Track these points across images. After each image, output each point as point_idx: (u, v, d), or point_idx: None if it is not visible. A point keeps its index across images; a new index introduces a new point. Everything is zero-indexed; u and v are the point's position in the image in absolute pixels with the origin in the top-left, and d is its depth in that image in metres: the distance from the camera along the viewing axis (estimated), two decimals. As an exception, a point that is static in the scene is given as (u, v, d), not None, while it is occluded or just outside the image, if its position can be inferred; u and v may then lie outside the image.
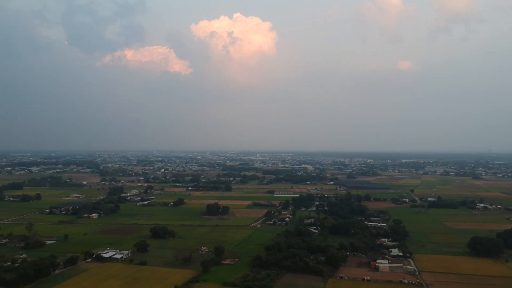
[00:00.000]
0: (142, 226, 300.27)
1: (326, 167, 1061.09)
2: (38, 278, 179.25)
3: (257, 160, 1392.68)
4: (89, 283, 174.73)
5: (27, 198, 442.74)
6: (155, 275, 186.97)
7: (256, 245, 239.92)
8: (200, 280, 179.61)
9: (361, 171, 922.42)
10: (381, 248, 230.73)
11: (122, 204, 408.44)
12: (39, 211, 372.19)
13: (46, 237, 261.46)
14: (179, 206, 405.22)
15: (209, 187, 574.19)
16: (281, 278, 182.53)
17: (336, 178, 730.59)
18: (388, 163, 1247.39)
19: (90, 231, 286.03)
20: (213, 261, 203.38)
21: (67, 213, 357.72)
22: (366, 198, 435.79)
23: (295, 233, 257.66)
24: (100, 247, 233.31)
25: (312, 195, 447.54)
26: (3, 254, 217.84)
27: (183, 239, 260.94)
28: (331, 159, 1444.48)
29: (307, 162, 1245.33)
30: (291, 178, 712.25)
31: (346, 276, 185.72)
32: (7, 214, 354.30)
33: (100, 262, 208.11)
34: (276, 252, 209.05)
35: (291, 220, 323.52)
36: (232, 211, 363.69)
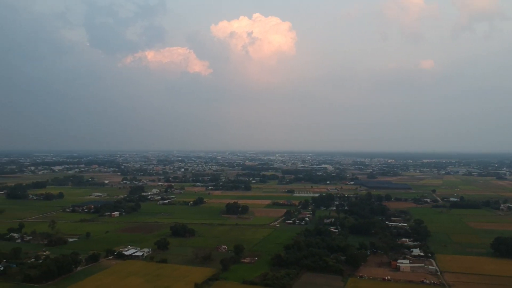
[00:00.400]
0: (163, 224, 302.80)
1: (346, 167, 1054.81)
2: (60, 275, 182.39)
3: (277, 160, 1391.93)
4: (110, 280, 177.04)
5: (50, 197, 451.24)
6: (175, 272, 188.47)
7: (275, 244, 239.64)
8: (220, 278, 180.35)
9: (382, 171, 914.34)
10: (402, 248, 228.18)
11: (143, 203, 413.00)
12: (62, 210, 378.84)
13: (68, 235, 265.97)
14: (199, 205, 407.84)
15: (229, 187, 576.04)
16: (300, 277, 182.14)
17: (356, 178, 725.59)
18: (409, 163, 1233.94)
19: (112, 229, 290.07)
20: (232, 259, 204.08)
21: (89, 212, 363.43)
22: (386, 198, 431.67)
23: (315, 232, 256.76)
24: (121, 244, 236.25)
25: (332, 195, 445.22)
26: (27, 251, 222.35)
27: (203, 238, 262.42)
28: (351, 159, 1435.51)
29: (327, 162, 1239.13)
30: (311, 178, 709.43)
31: (367, 276, 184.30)
32: (30, 212, 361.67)
33: (121, 259, 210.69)
34: (296, 251, 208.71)
35: (311, 220, 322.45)
36: (251, 210, 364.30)
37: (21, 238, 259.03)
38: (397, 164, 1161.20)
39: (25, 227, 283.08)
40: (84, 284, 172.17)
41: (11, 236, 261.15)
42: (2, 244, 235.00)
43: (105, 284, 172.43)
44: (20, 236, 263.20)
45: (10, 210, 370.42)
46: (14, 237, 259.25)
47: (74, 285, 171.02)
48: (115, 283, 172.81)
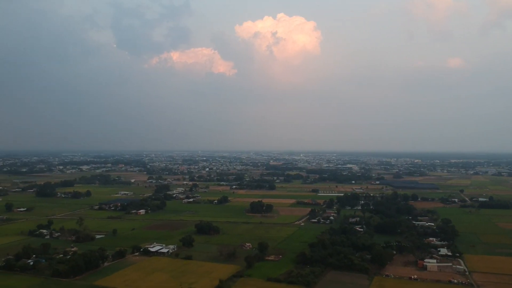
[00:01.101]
0: (188, 222, 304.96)
1: (371, 167, 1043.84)
2: (88, 270, 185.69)
3: (301, 160, 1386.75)
4: (136, 276, 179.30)
5: (78, 195, 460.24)
6: (200, 269, 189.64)
7: (300, 242, 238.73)
8: (244, 275, 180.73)
9: (408, 171, 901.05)
10: (428, 248, 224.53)
11: (168, 201, 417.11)
12: (89, 207, 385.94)
13: (95, 232, 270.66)
14: (223, 204, 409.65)
15: (253, 186, 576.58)
16: (325, 275, 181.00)
17: (382, 177, 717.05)
18: (436, 163, 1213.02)
19: (138, 227, 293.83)
20: (257, 257, 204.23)
21: (116, 209, 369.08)
22: (413, 198, 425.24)
23: (340, 231, 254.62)
24: (147, 241, 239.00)
25: (357, 194, 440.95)
26: (55, 247, 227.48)
27: (227, 235, 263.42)
28: (377, 159, 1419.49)
29: (352, 162, 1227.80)
30: (336, 177, 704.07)
31: (392, 275, 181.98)
32: (59, 209, 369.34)
33: (147, 256, 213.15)
34: (321, 249, 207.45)
35: (336, 219, 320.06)
36: (276, 209, 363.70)
37: (50, 235, 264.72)
38: (423, 164, 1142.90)
39: (54, 224, 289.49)
40: (111, 279, 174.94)
41: (40, 232, 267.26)
42: (31, 240, 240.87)
43: (132, 279, 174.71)
44: (49, 232, 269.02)
45: (39, 207, 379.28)
46: (43, 233, 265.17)
47: (101, 280, 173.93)
48: (141, 279, 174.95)
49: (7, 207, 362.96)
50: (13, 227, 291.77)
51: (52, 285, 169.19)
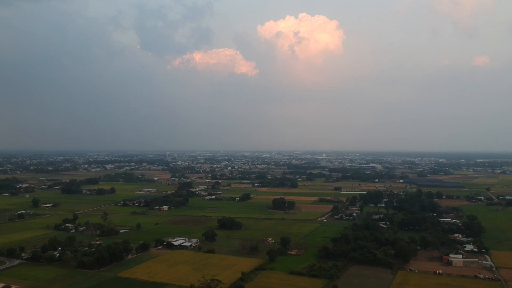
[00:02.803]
0: (210, 218, 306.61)
1: (395, 166, 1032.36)
2: (112, 262, 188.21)
3: (323, 160, 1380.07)
4: (160, 268, 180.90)
5: (103, 192, 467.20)
6: (222, 262, 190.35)
7: (322, 238, 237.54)
8: (267, 268, 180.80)
9: (433, 170, 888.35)
10: (454, 243, 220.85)
11: (191, 198, 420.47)
12: (114, 203, 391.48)
13: (119, 226, 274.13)
14: (245, 201, 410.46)
15: (275, 184, 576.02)
16: (348, 269, 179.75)
17: (406, 176, 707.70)
18: (461, 162, 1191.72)
19: (161, 222, 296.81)
20: (279, 251, 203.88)
21: (140, 205, 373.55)
22: (438, 196, 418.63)
23: (363, 226, 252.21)
24: (170, 236, 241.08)
25: (381, 192, 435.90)
26: (80, 240, 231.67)
27: (250, 231, 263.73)
28: (401, 159, 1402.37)
29: (375, 162, 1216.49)
30: (359, 176, 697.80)
31: (417, 269, 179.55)
32: (84, 205, 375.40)
33: (170, 249, 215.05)
34: (343, 244, 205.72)
35: (359, 216, 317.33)
36: (298, 206, 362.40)
37: (75, 229, 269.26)
38: (448, 164, 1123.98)
39: (79, 218, 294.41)
40: (135, 271, 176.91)
41: (66, 226, 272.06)
42: (57, 234, 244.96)
43: (155, 271, 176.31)
44: (74, 226, 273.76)
45: (65, 203, 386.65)
46: (69, 228, 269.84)
47: (125, 272, 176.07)
48: (164, 271, 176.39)
49: (34, 203, 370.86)
50: (39, 222, 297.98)
51: (78, 276, 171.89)
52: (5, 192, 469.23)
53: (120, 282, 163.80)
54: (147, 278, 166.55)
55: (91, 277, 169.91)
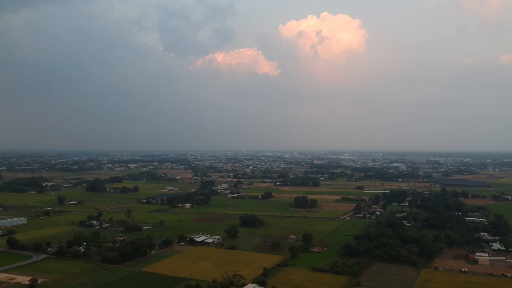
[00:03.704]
0: (232, 215, 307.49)
1: (419, 165, 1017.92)
2: (136, 257, 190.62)
3: (346, 159, 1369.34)
4: (183, 263, 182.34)
5: (126, 190, 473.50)
6: (244, 258, 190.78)
7: (345, 235, 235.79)
8: (289, 264, 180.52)
9: (457, 169, 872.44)
10: (480, 242, 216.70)
11: (213, 196, 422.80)
12: (137, 201, 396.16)
13: (143, 223, 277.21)
14: (267, 199, 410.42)
15: (297, 183, 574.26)
16: (371, 266, 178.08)
17: (430, 176, 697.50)
18: (487, 162, 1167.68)
19: (184, 219, 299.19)
20: (301, 248, 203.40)
21: (163, 203, 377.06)
22: (463, 195, 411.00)
23: (386, 224, 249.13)
24: (193, 232, 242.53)
25: (404, 191, 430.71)
26: (105, 236, 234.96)
27: (271, 228, 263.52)
28: (425, 158, 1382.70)
29: (399, 161, 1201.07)
30: (382, 175, 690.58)
31: (442, 267, 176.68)
32: (108, 203, 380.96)
33: (193, 245, 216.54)
34: (367, 241, 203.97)
35: (382, 214, 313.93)
36: (320, 205, 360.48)
37: (100, 225, 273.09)
38: (474, 163, 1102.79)
39: (103, 215, 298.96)
40: (158, 266, 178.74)
41: (90, 223, 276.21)
42: (82, 230, 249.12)
43: (178, 266, 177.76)
44: (99, 223, 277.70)
45: (89, 201, 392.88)
46: (93, 224, 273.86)
47: (148, 267, 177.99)
48: (187, 266, 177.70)
49: (60, 200, 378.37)
50: (65, 218, 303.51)
51: (102, 270, 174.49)
52: (32, 190, 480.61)
53: (143, 277, 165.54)
54: (170, 273, 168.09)
55: (115, 272, 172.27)
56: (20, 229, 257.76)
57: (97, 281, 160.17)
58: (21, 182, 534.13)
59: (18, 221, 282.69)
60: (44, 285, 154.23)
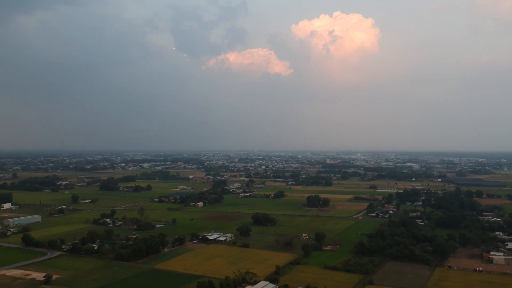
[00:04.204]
0: (244, 214, 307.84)
1: (433, 165, 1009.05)
2: (149, 254, 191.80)
3: (359, 159, 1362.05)
4: (195, 261, 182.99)
5: (139, 189, 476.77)
6: (257, 256, 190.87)
7: (358, 234, 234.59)
8: (301, 263, 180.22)
9: (472, 169, 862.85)
10: (495, 241, 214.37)
11: (225, 195, 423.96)
12: (150, 200, 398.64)
13: (156, 221, 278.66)
14: (279, 198, 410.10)
15: (309, 182, 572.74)
16: (384, 265, 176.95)
17: (444, 175, 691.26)
18: (502, 162, 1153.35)
19: (196, 217, 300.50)
20: (313, 246, 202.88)
21: (175, 202, 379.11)
22: (478, 195, 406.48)
23: (400, 223, 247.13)
24: (205, 230, 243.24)
25: (418, 190, 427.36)
26: (118, 234, 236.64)
27: (284, 227, 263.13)
28: (439, 158, 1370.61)
29: (412, 161, 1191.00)
30: (395, 175, 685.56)
31: (456, 266, 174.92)
32: (121, 202, 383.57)
33: (205, 243, 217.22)
34: (380, 240, 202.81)
35: (395, 213, 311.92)
36: (332, 204, 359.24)
37: (113, 223, 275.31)
38: (489, 163, 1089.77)
39: (117, 213, 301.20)
40: (171, 263, 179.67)
41: (104, 221, 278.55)
42: (96, 227, 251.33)
43: (190, 264, 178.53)
44: (112, 221, 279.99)
45: (103, 199, 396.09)
46: (107, 222, 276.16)
47: (161, 264, 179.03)
48: (200, 264, 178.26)
49: (74, 198, 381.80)
50: (79, 216, 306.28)
51: (115, 267, 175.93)
52: (46, 189, 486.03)
53: (156, 274, 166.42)
54: (182, 270, 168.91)
55: (129, 269, 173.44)
56: (35, 227, 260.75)
57: (110, 277, 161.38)
58: (36, 181, 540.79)
59: (33, 219, 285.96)
60: (58, 281, 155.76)
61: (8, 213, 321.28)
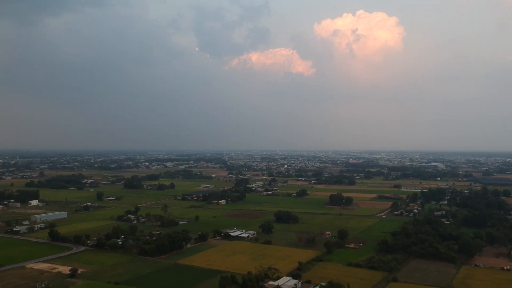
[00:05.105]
0: (267, 212, 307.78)
1: (458, 165, 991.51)
2: (172, 250, 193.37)
3: (382, 159, 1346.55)
4: (218, 257, 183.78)
5: (163, 187, 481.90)
6: (279, 253, 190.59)
7: (381, 232, 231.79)
8: (324, 259, 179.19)
9: (499, 169, 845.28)
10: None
11: (248, 193, 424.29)
12: (173, 198, 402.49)
13: (179, 218, 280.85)
14: (302, 197, 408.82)
15: (332, 181, 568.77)
16: (409, 263, 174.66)
17: (470, 175, 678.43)
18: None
19: (219, 215, 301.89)
20: (336, 243, 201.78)
21: (198, 200, 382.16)
22: (505, 194, 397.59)
23: (424, 221, 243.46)
24: (228, 227, 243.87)
25: (443, 189, 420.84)
26: (142, 230, 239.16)
27: (306, 224, 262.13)
28: (464, 158, 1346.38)
29: (437, 161, 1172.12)
30: (420, 174, 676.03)
31: (482, 265, 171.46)
32: (145, 199, 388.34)
33: (228, 240, 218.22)
34: (404, 238, 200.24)
35: (420, 212, 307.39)
36: (355, 203, 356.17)
37: (137, 220, 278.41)
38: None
39: (140, 210, 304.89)
40: (194, 259, 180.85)
41: (128, 217, 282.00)
42: (120, 224, 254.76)
43: (213, 259, 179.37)
44: (136, 217, 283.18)
45: (127, 197, 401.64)
46: (131, 218, 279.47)
47: (184, 259, 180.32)
48: (222, 259, 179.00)
49: (98, 196, 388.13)
50: (103, 213, 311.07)
51: (139, 262, 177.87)
52: (72, 187, 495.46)
53: (180, 269, 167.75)
54: (205, 266, 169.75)
55: (152, 264, 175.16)
56: (61, 223, 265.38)
57: (134, 272, 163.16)
58: (62, 179, 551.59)
59: (59, 215, 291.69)
60: (83, 275, 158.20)
61: (35, 209, 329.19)
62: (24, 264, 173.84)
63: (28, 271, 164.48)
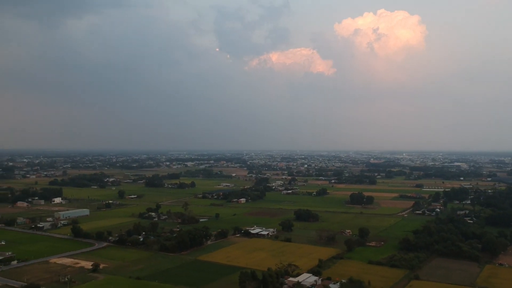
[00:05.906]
0: (287, 210, 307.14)
1: (482, 165, 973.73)
2: (193, 246, 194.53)
3: (404, 159, 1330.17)
4: (238, 253, 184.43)
5: (183, 186, 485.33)
6: (299, 250, 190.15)
7: (403, 231, 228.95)
8: (344, 257, 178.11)
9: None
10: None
11: (268, 192, 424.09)
12: (194, 196, 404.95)
13: (199, 216, 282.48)
14: (322, 196, 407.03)
15: (353, 181, 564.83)
16: (431, 261, 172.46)
17: (494, 174, 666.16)
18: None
19: (239, 213, 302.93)
20: (357, 242, 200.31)
21: (218, 198, 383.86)
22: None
23: (447, 220, 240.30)
24: (248, 225, 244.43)
25: (466, 189, 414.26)
26: (163, 227, 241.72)
27: (327, 223, 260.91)
28: (488, 158, 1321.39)
29: (460, 161, 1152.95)
30: (442, 174, 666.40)
31: (507, 264, 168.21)
32: (166, 197, 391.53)
33: (248, 237, 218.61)
34: (426, 236, 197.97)
35: (442, 211, 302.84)
36: (376, 202, 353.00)
37: (158, 217, 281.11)
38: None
39: (161, 208, 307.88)
40: (214, 255, 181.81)
41: (149, 214, 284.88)
42: (142, 221, 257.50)
43: (233, 256, 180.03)
44: (157, 215, 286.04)
45: (148, 195, 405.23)
46: (152, 216, 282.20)
47: (205, 256, 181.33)
48: (243, 256, 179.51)
49: (120, 194, 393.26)
50: (125, 210, 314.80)
51: (160, 258, 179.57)
52: (94, 185, 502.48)
53: (200, 265, 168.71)
54: (225, 262, 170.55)
55: (173, 260, 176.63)
56: (84, 220, 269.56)
57: (155, 267, 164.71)
58: (84, 178, 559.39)
59: (82, 212, 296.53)
60: (105, 270, 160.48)
61: (58, 206, 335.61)
62: (48, 259, 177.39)
63: (52, 266, 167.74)
